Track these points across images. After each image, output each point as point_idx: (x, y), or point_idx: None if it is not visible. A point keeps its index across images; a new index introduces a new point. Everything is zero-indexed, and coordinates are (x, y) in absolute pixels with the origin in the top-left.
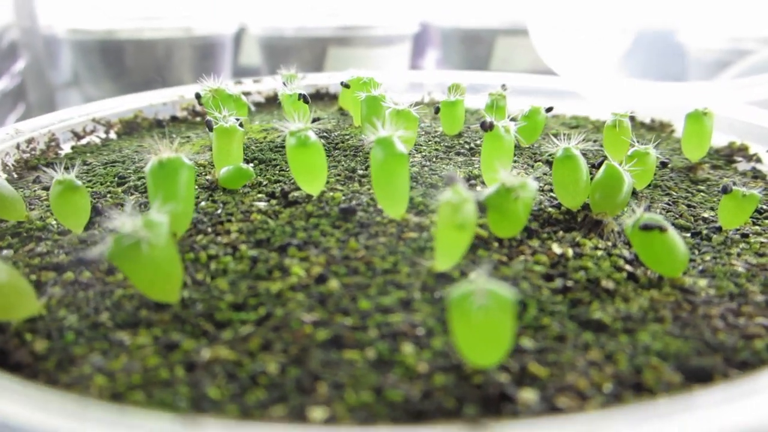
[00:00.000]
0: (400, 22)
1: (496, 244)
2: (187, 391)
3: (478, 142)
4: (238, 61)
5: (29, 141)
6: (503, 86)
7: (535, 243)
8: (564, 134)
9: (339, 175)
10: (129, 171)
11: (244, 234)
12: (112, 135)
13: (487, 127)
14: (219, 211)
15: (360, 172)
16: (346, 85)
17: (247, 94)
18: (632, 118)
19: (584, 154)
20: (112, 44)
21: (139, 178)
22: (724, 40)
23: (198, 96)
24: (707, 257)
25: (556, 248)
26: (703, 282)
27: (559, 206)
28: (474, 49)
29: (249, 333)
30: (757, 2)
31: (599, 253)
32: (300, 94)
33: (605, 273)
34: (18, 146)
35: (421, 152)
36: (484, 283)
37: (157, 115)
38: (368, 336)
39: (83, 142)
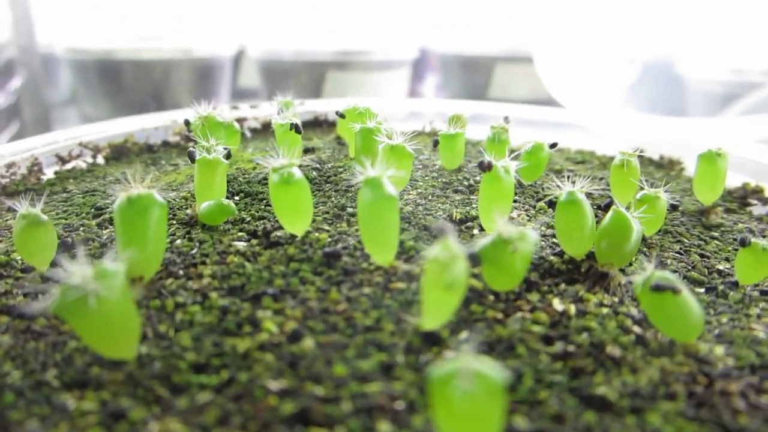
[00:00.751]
0: (399, 48)
1: (491, 298)
2: None
3: (477, 178)
4: (237, 83)
5: (9, 165)
6: (506, 119)
7: (534, 297)
8: (568, 171)
9: (327, 212)
10: (107, 201)
11: (218, 279)
12: (100, 160)
13: (485, 167)
14: (194, 251)
15: (350, 210)
16: (341, 115)
17: (242, 119)
18: (640, 156)
19: (589, 195)
20: (110, 64)
21: None
22: (727, 71)
23: (187, 123)
24: (724, 319)
25: (558, 304)
26: (720, 349)
27: (561, 254)
28: (473, 75)
29: (206, 402)
30: (760, 34)
31: (605, 310)
32: (292, 124)
33: (611, 336)
34: None
35: (416, 188)
36: (470, 362)
37: (148, 140)
38: (340, 410)
39: (69, 166)
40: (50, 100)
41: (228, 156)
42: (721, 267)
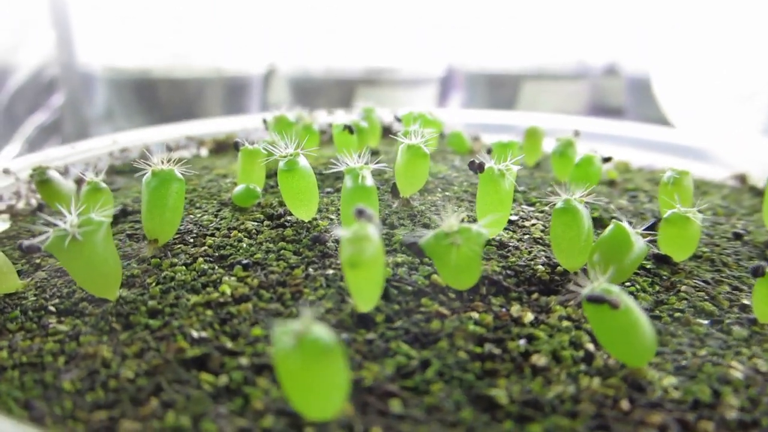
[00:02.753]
0: (426, 65)
1: (452, 295)
2: (51, 378)
3: (521, 187)
4: (267, 100)
5: (123, 150)
6: (576, 132)
7: (497, 301)
8: (641, 191)
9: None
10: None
11: (213, 248)
12: (204, 152)
13: (475, 168)
14: (212, 225)
15: None
16: (351, 131)
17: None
18: (743, 179)
19: (640, 213)
20: (145, 82)
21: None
22: None
23: (264, 121)
24: (703, 352)
25: (516, 311)
26: (670, 380)
27: (555, 265)
28: (499, 92)
29: (138, 337)
30: None
31: (565, 324)
32: (345, 126)
33: (551, 347)
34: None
35: (447, 191)
36: (304, 326)
37: (248, 137)
38: (235, 362)
39: (175, 155)
40: (88, 116)
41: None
42: (747, 302)
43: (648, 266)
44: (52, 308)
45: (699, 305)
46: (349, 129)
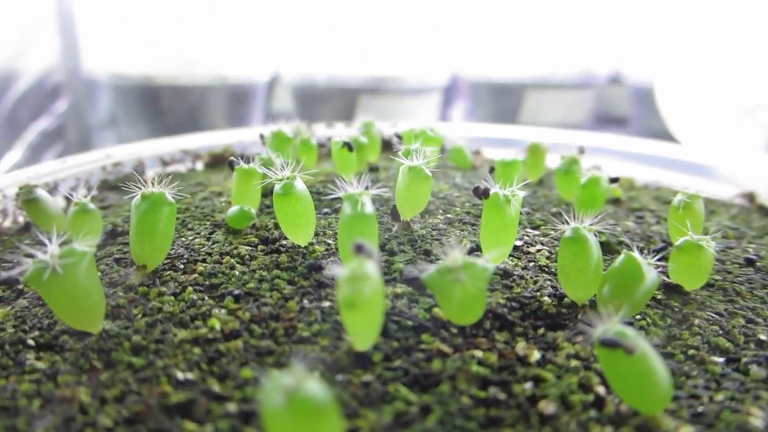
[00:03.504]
0: (430, 74)
1: (454, 330)
2: (23, 424)
3: (524, 208)
4: (270, 108)
5: (117, 164)
6: (580, 149)
7: (501, 337)
8: (647, 211)
9: None
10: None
11: (204, 276)
12: (199, 166)
13: (480, 194)
14: (203, 249)
15: None
16: (350, 148)
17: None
18: (751, 197)
19: (648, 237)
20: (149, 89)
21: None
22: None
23: (261, 136)
24: (720, 396)
25: (521, 349)
26: (687, 430)
27: (562, 296)
28: (503, 101)
29: (120, 378)
30: None
31: (573, 363)
32: (344, 143)
33: (559, 391)
34: (104, 167)
35: (449, 213)
36: (296, 380)
37: (245, 151)
38: (222, 409)
39: (169, 169)
40: (91, 122)
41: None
42: (763, 337)
43: (659, 296)
44: (31, 342)
45: (713, 341)
46: (348, 146)
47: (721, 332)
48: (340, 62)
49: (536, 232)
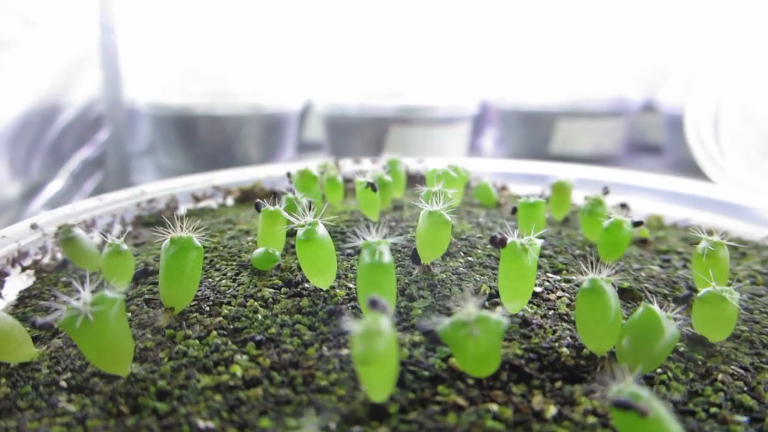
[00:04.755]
0: (460, 104)
1: (470, 381)
2: None
3: (546, 251)
4: (302, 136)
5: (151, 200)
6: (605, 189)
7: (518, 390)
8: (675, 253)
9: None
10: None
11: (228, 319)
12: (230, 201)
13: (497, 243)
14: (229, 291)
15: None
16: (374, 189)
17: (363, 172)
18: None
19: (674, 282)
20: (187, 119)
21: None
22: None
23: (288, 174)
24: None
25: (537, 403)
26: None
27: (581, 347)
28: (533, 130)
29: (144, 424)
30: None
31: (591, 420)
32: (368, 183)
33: None
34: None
35: (470, 255)
36: None
37: (274, 186)
38: None
39: (201, 205)
40: (131, 151)
41: (309, 208)
42: None
43: (681, 348)
44: (63, 383)
45: (737, 398)
46: (372, 187)
47: (745, 389)
48: (371, 92)
49: (557, 277)
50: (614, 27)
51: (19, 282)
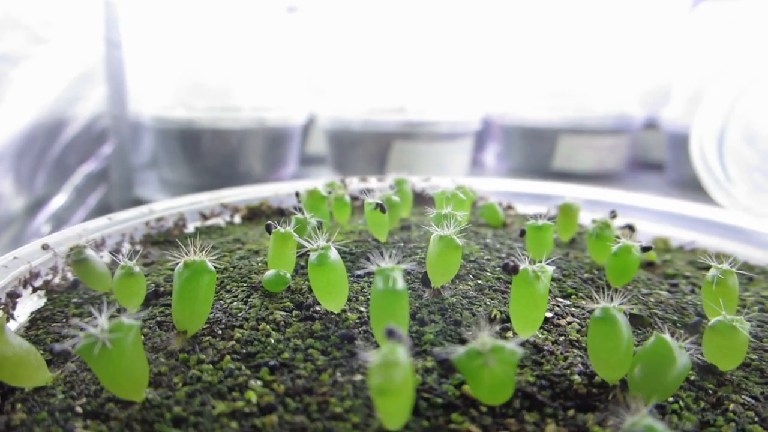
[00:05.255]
0: (463, 119)
1: (484, 409)
2: None
3: (554, 275)
4: (305, 150)
5: (159, 219)
6: (612, 213)
7: (530, 418)
8: (682, 278)
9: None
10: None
11: (241, 343)
12: (237, 219)
13: (509, 270)
14: (241, 314)
15: None
16: (382, 210)
17: (370, 191)
18: None
19: (682, 308)
20: (190, 132)
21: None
22: None
23: (297, 194)
24: None
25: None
26: None
27: (593, 374)
28: (536, 146)
29: None
30: None
31: None
32: (377, 204)
33: None
34: (147, 223)
35: (480, 278)
36: None
37: (281, 204)
38: None
39: (209, 223)
40: (134, 164)
41: (319, 227)
42: None
43: (692, 377)
44: (79, 409)
45: (748, 428)
46: (381, 208)
47: (756, 419)
48: (374, 107)
49: (567, 302)
50: (618, 44)
51: (30, 303)
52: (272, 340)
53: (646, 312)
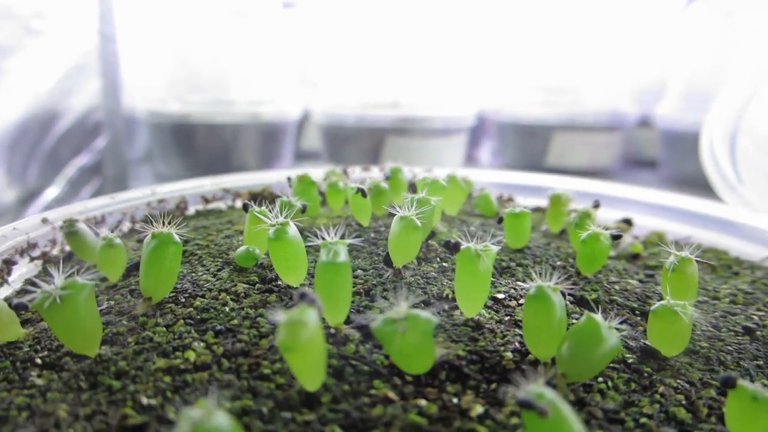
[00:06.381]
0: (458, 115)
1: (409, 379)
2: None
3: (525, 261)
4: (300, 145)
5: (161, 200)
6: (595, 203)
7: (452, 389)
8: (646, 267)
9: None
10: (196, 235)
11: (197, 310)
12: (239, 204)
13: (451, 248)
14: (207, 285)
15: (361, 269)
16: (363, 194)
17: (363, 181)
18: None
19: (647, 297)
20: (185, 126)
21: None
22: None
23: (288, 179)
24: None
25: (467, 402)
26: None
27: (527, 353)
28: (530, 142)
29: (95, 399)
30: None
31: (513, 421)
32: (358, 188)
33: None
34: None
35: (447, 261)
36: (204, 413)
37: (282, 191)
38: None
39: (210, 207)
40: (128, 158)
41: (303, 211)
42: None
43: (630, 360)
44: (38, 360)
45: (672, 411)
46: (362, 192)
47: (684, 402)
48: (368, 102)
49: (526, 285)
50: (612, 41)
51: (26, 270)
52: (227, 309)
53: (606, 298)
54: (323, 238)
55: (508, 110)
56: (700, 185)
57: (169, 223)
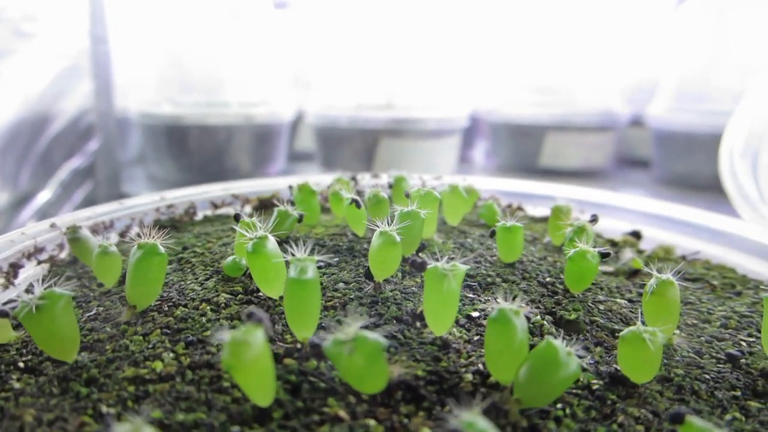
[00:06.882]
0: (451, 116)
1: (364, 398)
2: None
3: (512, 277)
4: (293, 147)
5: (170, 206)
6: (593, 217)
7: (405, 410)
8: (637, 290)
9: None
10: (197, 241)
11: (176, 320)
12: (248, 209)
13: (417, 267)
14: (191, 294)
15: (344, 282)
16: (357, 205)
17: (361, 192)
18: None
19: (630, 320)
20: (178, 128)
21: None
22: None
23: (290, 187)
24: None
25: (415, 425)
26: None
27: (488, 374)
28: (523, 143)
29: (61, 406)
30: None
31: None
32: (352, 199)
33: None
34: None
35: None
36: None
37: (291, 197)
38: None
39: (219, 212)
40: (121, 160)
41: (300, 220)
42: None
43: (595, 387)
44: (21, 364)
45: None
46: (355, 203)
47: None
48: (362, 103)
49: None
50: (604, 41)
51: (33, 273)
52: (204, 320)
53: (586, 319)
54: (293, 254)
55: (501, 111)
56: (692, 185)
57: (174, 228)
